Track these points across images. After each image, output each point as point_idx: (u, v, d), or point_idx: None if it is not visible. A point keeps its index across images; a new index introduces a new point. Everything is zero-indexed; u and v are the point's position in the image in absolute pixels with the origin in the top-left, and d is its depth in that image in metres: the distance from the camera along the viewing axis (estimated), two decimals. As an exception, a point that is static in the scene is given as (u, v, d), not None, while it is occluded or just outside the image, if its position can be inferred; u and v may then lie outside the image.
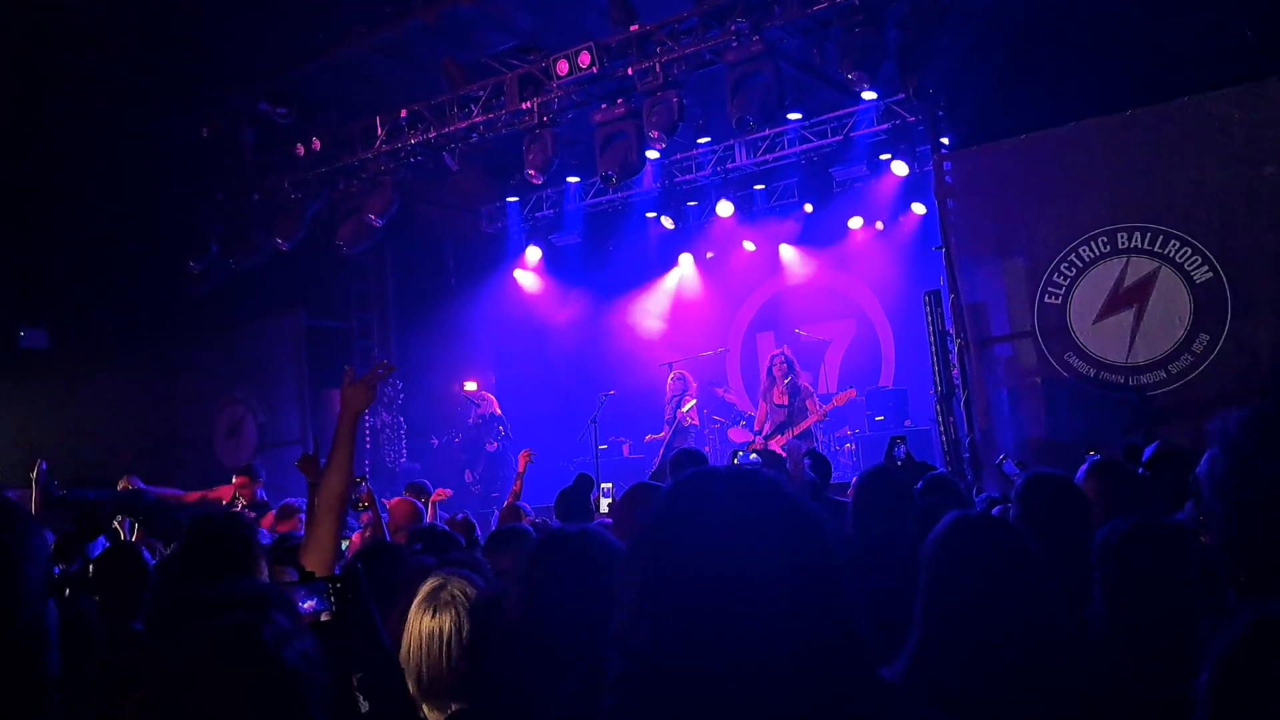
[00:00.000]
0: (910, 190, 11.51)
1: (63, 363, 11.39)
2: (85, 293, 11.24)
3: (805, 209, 12.40)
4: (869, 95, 9.46)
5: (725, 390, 12.68)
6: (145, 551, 3.47)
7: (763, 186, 12.55)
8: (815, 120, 11.19)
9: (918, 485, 4.05)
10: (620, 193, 12.56)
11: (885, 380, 12.37)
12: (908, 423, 10.89)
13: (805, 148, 11.49)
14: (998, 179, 8.25)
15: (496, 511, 6.64)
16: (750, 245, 13.14)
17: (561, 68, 8.75)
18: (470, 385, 12.88)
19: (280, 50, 9.79)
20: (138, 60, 9.36)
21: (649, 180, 12.44)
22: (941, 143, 8.86)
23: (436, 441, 12.81)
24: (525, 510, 5.81)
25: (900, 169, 11.04)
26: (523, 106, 9.21)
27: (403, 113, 9.99)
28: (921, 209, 11.44)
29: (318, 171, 10.65)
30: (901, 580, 2.59)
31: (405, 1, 9.03)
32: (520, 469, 7.08)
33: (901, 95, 9.62)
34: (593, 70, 8.57)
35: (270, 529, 6.15)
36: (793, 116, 10.74)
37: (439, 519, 6.63)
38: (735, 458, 6.39)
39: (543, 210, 13.22)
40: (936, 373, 8.44)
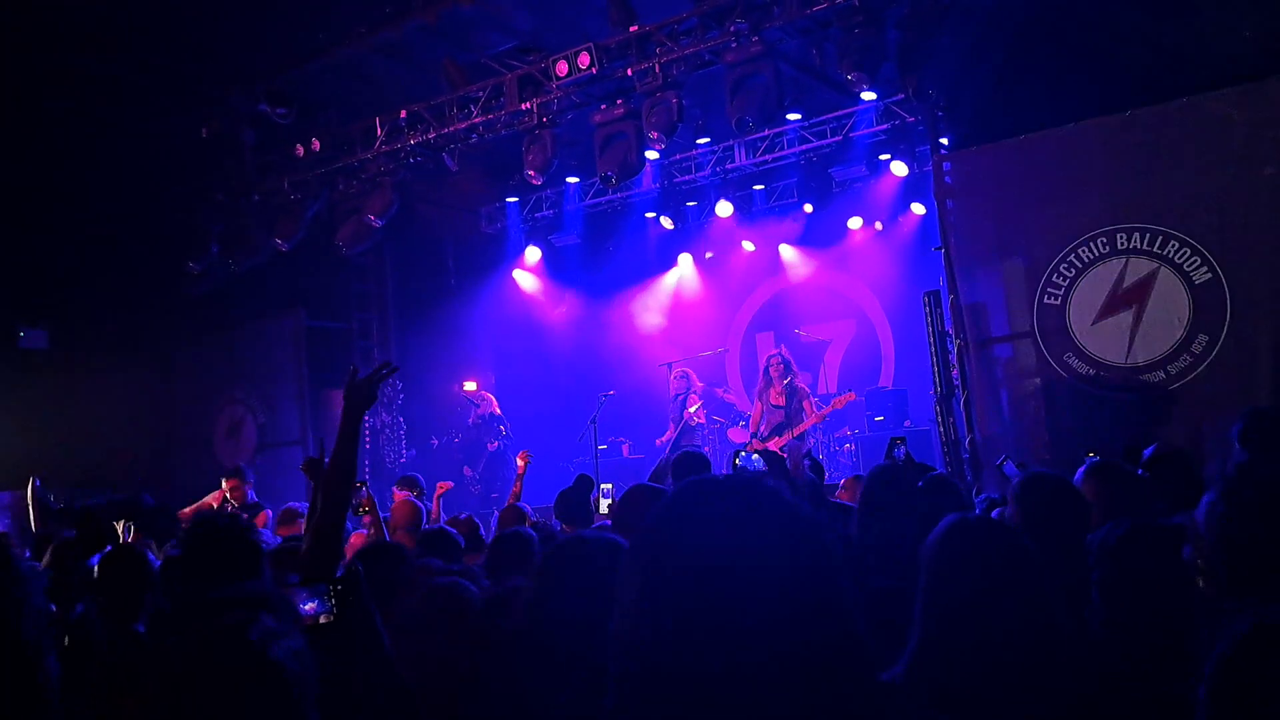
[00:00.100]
0: (910, 190, 11.52)
1: (63, 363, 11.40)
2: (85, 293, 11.24)
3: (805, 209, 12.41)
4: (868, 96, 9.46)
5: (725, 390, 12.68)
6: (150, 554, 3.47)
7: (762, 187, 12.55)
8: (815, 121, 11.19)
9: (917, 486, 4.05)
10: (620, 193, 12.56)
11: (885, 381, 12.38)
12: (907, 423, 10.89)
13: (805, 148, 11.49)
14: (997, 179, 8.24)
15: (496, 512, 6.63)
16: (750, 245, 13.15)
17: (561, 68, 8.76)
18: (470, 385, 12.90)
19: (280, 51, 9.80)
20: (138, 60, 9.37)
21: (648, 181, 12.45)
22: (941, 143, 8.86)
23: (436, 441, 12.82)
24: (526, 512, 5.81)
25: (900, 169, 11.04)
26: (522, 107, 9.22)
27: (402, 113, 10.00)
28: (921, 209, 11.45)
29: (317, 172, 10.66)
30: (903, 580, 2.60)
31: (405, 2, 9.04)
32: (520, 470, 7.07)
33: (901, 96, 9.61)
34: (592, 71, 8.58)
35: (272, 531, 6.15)
36: (792, 117, 10.74)
37: (441, 517, 6.63)
38: (737, 458, 6.39)
39: (542, 211, 13.23)
40: (936, 373, 8.44)
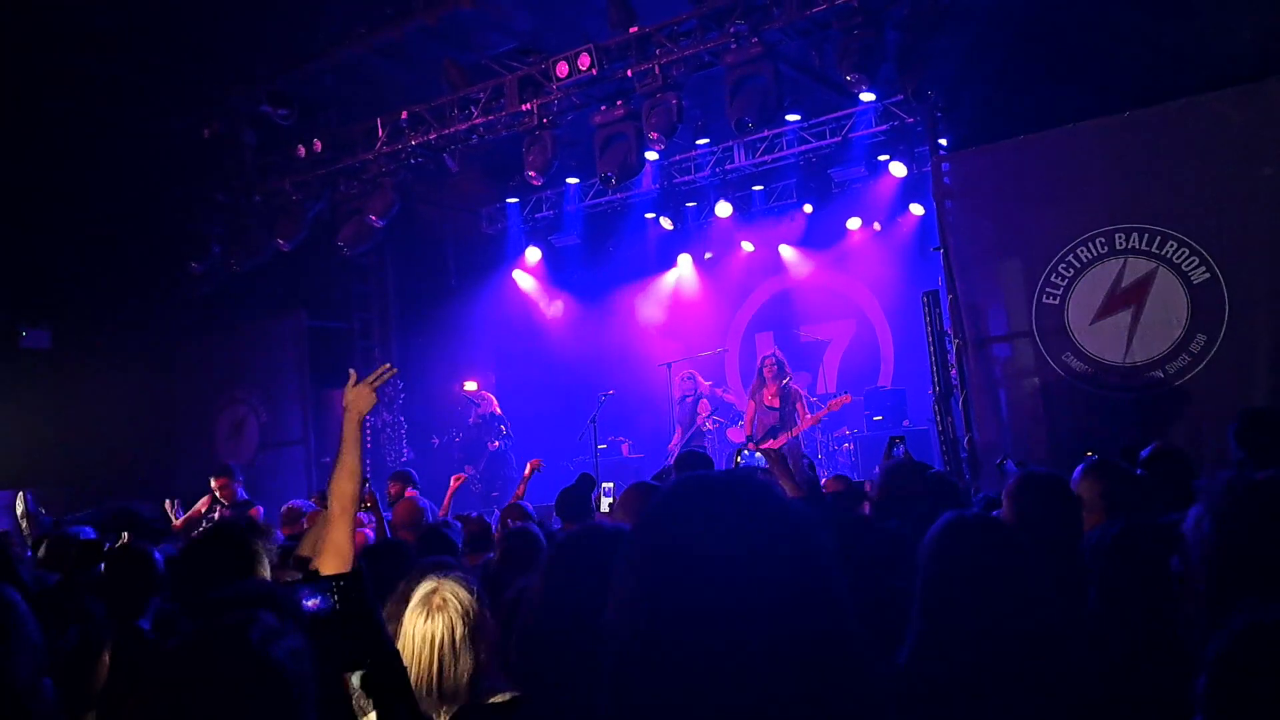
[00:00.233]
0: (909, 191, 11.53)
1: (65, 363, 11.41)
2: (87, 293, 11.26)
3: (804, 210, 12.42)
4: (868, 97, 9.48)
5: (725, 390, 12.70)
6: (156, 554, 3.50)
7: (761, 187, 12.56)
8: (814, 121, 11.21)
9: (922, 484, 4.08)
10: (619, 194, 12.59)
11: (884, 380, 12.39)
12: (906, 423, 10.91)
13: (804, 149, 11.51)
14: (996, 180, 8.25)
15: (497, 511, 6.65)
16: (749, 246, 13.15)
17: (561, 69, 8.78)
18: (470, 385, 12.92)
19: (281, 51, 9.82)
20: (138, 61, 9.39)
21: (648, 181, 12.47)
22: (940, 144, 8.86)
23: (437, 441, 12.84)
24: (528, 510, 5.82)
25: (899, 170, 11.05)
26: (523, 108, 9.24)
27: (403, 114, 10.01)
28: (920, 210, 11.46)
29: (318, 173, 10.68)
30: (906, 578, 2.62)
31: (406, 3, 9.06)
32: (526, 474, 7.09)
33: (900, 96, 9.63)
34: (592, 72, 8.60)
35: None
36: (791, 118, 10.76)
37: (449, 513, 6.61)
38: (738, 456, 6.40)
39: (542, 211, 13.25)
40: (935, 373, 8.44)
